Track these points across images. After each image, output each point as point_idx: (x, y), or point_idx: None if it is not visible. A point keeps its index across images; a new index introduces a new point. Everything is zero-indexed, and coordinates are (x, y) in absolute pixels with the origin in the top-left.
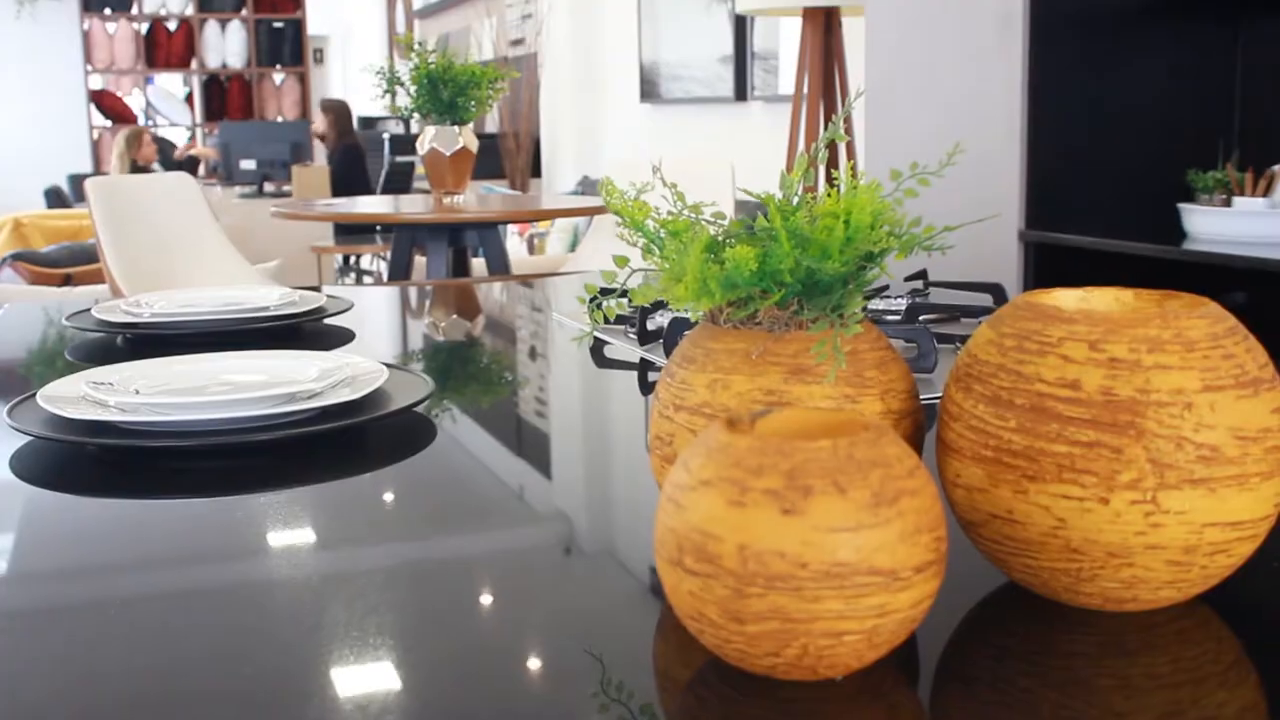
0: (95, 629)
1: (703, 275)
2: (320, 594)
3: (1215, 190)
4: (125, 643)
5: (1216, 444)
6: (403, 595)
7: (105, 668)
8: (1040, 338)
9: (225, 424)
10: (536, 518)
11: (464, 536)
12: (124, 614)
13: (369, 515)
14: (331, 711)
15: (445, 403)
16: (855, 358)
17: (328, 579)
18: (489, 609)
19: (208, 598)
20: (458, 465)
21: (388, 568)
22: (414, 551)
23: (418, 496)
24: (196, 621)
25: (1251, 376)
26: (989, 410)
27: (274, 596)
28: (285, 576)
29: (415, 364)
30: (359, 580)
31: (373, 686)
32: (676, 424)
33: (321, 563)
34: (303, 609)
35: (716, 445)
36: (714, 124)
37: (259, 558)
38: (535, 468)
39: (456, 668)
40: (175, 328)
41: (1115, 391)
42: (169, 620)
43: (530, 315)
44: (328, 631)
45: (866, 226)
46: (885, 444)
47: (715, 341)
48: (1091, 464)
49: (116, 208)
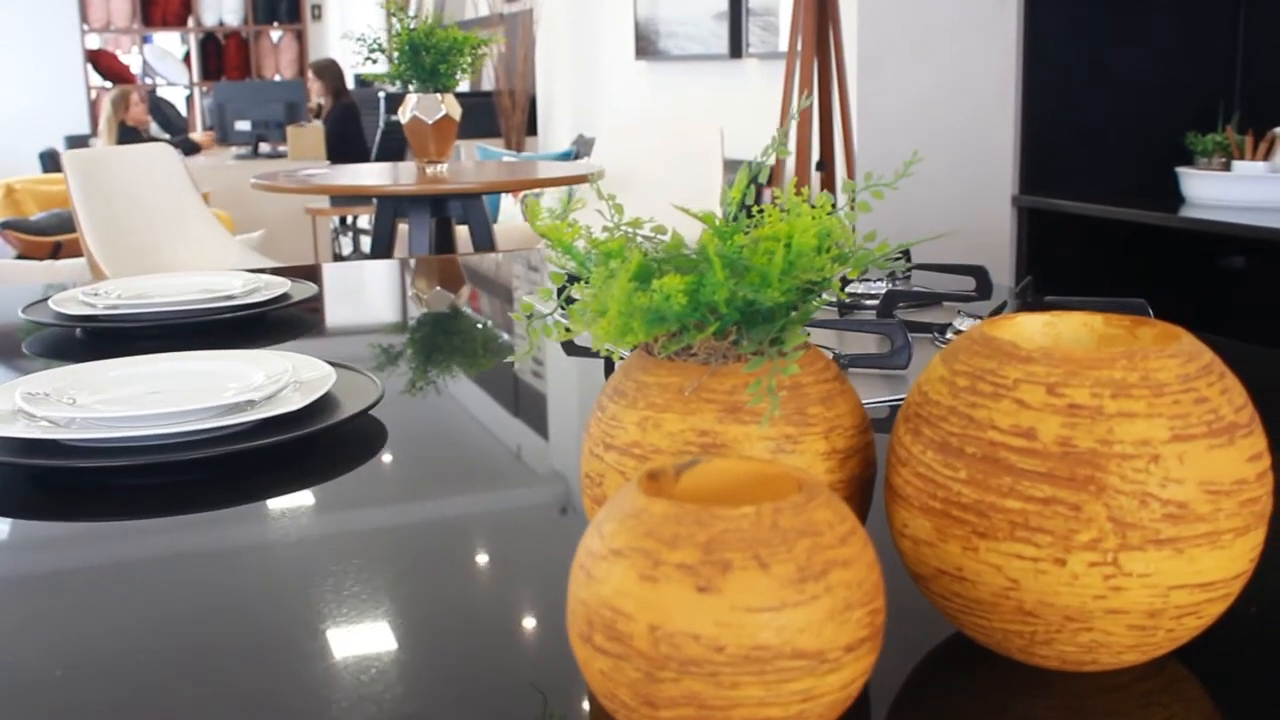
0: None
1: (629, 309)
2: (254, 616)
3: (1214, 153)
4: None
5: (1185, 500)
6: (359, 609)
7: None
8: (995, 379)
9: (163, 439)
10: (489, 535)
11: (403, 555)
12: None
13: (314, 531)
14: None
15: (398, 402)
16: (798, 393)
17: (263, 596)
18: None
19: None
20: (405, 475)
21: (328, 590)
22: (359, 570)
23: (364, 509)
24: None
25: (1226, 422)
26: (938, 458)
27: (203, 612)
28: (222, 589)
29: (377, 350)
30: (295, 602)
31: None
32: (606, 464)
33: (258, 579)
34: (235, 628)
35: (630, 509)
36: (709, 82)
37: (198, 574)
38: (483, 476)
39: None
40: (132, 320)
41: (1074, 442)
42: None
43: (503, 298)
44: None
45: (811, 250)
46: (815, 508)
47: (647, 374)
48: (1046, 522)
49: (95, 181)
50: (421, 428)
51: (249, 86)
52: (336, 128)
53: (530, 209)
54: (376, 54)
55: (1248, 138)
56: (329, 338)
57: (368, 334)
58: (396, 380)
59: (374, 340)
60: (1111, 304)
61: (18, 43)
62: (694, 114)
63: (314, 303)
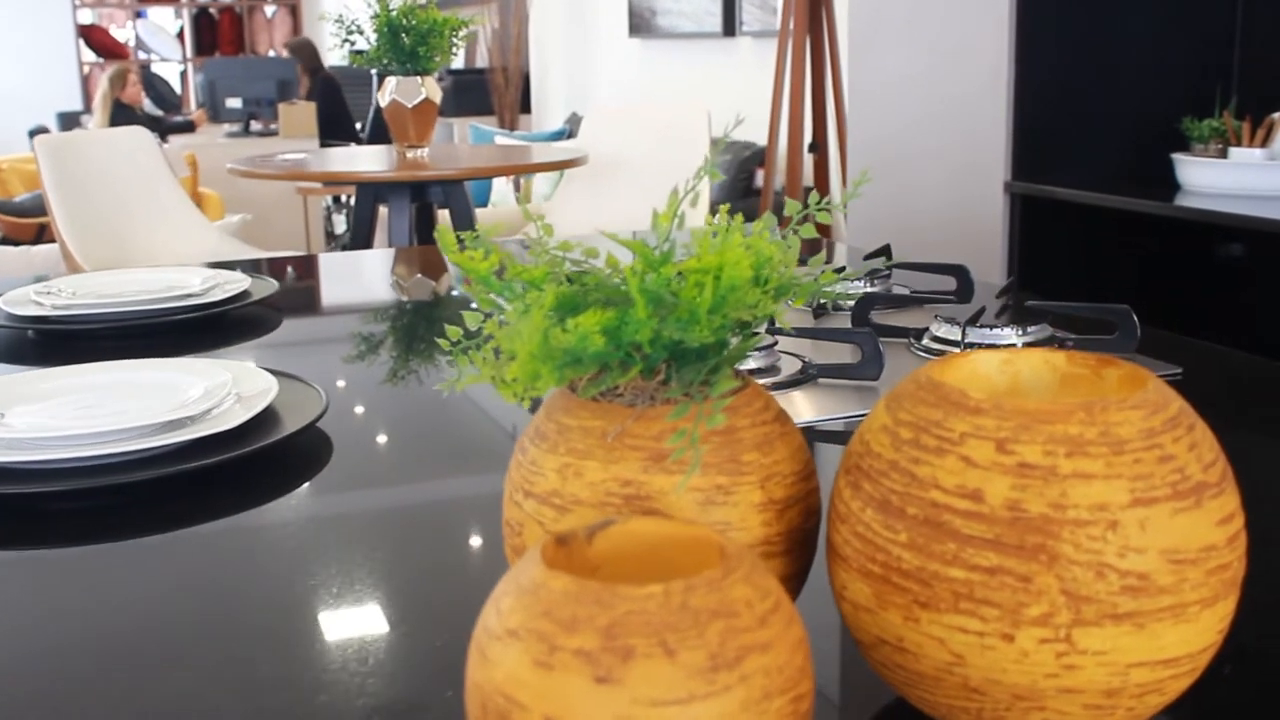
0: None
1: (543, 352)
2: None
3: (1211, 139)
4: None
5: (1146, 571)
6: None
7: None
8: (940, 431)
9: (90, 461)
10: (436, 572)
11: (345, 581)
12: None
13: (243, 558)
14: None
15: (345, 413)
16: (731, 438)
17: (185, 623)
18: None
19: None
20: (350, 494)
21: (261, 619)
22: (296, 594)
23: (305, 527)
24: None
25: (1194, 483)
26: (877, 518)
27: (115, 644)
28: (144, 616)
29: (332, 354)
30: (225, 627)
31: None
32: (526, 513)
33: (190, 611)
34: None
35: (529, 583)
36: (703, 60)
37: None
38: (434, 486)
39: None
40: (83, 321)
41: (1024, 506)
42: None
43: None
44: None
45: (745, 283)
46: (733, 584)
47: (570, 416)
48: (993, 594)
49: (68, 167)
50: (367, 441)
51: (240, 63)
52: (322, 103)
53: (441, 238)
54: (354, 36)
55: (1245, 123)
56: (284, 340)
57: (324, 338)
58: (348, 388)
59: (330, 343)
60: (1094, 309)
61: (8, 17)
62: (687, 92)
63: (274, 300)
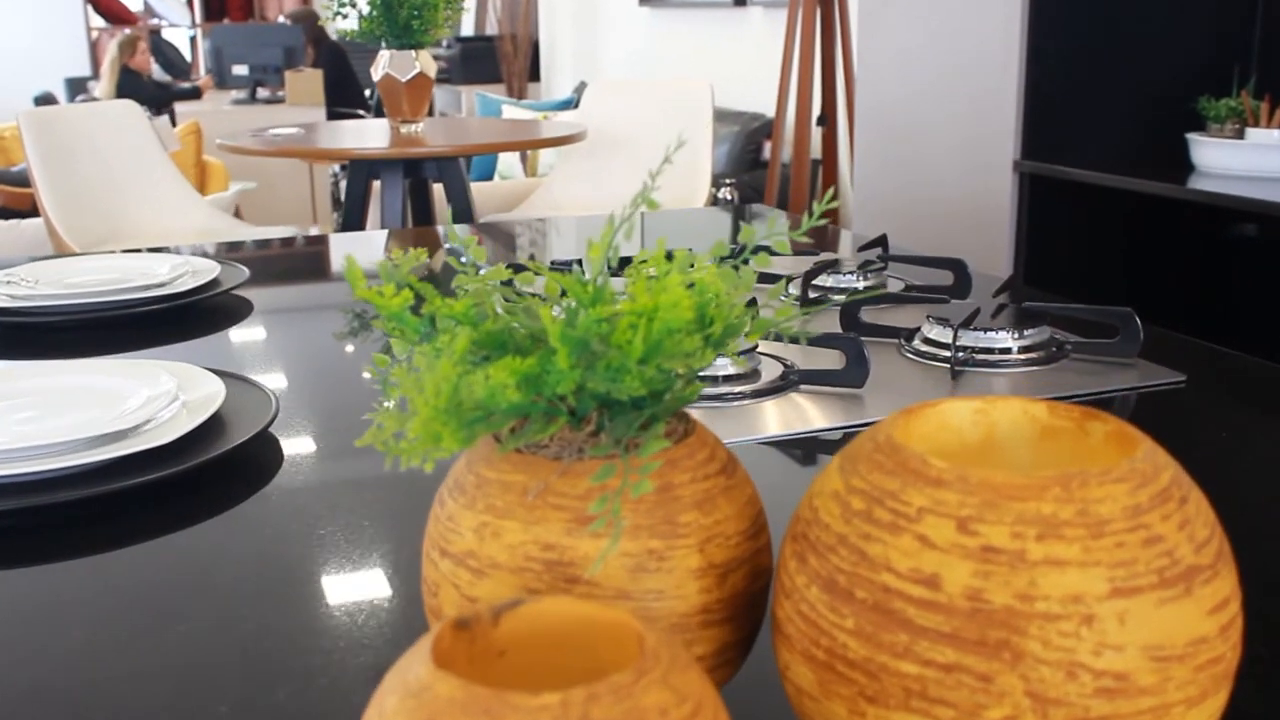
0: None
1: (452, 403)
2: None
3: (1227, 120)
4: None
5: (1125, 670)
6: None
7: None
8: (895, 505)
9: (21, 478)
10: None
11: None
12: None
13: (180, 575)
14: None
15: (297, 418)
16: (668, 496)
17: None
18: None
19: None
20: (298, 510)
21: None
22: (237, 614)
23: (246, 546)
24: None
25: (1183, 567)
26: (823, 598)
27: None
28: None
29: (293, 352)
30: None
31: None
32: (441, 573)
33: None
34: None
35: (415, 684)
36: (712, 30)
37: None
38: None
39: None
40: (41, 313)
41: (986, 596)
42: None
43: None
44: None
45: (685, 326)
46: (646, 688)
47: (490, 468)
48: (949, 693)
49: (55, 142)
50: (321, 448)
51: (247, 30)
52: (329, 71)
53: (348, 271)
54: (345, 8)
55: (1263, 103)
56: (246, 337)
57: (292, 332)
58: (302, 390)
59: (294, 338)
60: (1096, 311)
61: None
62: (697, 62)
63: (245, 288)
